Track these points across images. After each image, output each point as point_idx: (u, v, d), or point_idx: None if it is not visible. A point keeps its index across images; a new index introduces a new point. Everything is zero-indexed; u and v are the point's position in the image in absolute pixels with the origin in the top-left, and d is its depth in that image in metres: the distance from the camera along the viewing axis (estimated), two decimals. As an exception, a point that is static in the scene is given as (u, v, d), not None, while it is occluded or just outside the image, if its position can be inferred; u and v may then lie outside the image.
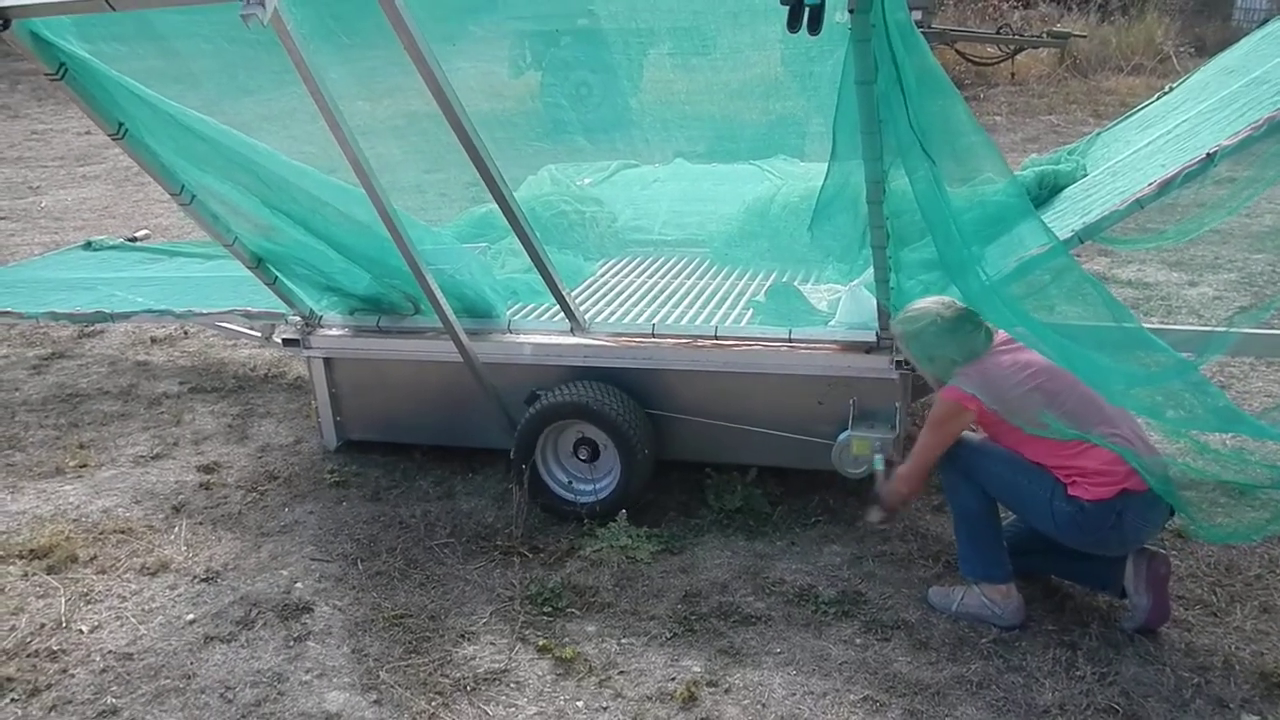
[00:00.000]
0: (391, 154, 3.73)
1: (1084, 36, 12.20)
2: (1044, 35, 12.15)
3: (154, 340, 5.24)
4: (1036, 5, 13.98)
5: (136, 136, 3.07)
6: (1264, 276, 5.52)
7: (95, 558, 3.34)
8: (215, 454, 4.04)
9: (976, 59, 11.97)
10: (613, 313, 3.75)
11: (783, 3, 2.33)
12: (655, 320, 3.60)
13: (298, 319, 3.80)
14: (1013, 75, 11.80)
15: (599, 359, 3.48)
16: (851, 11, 2.31)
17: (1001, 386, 2.73)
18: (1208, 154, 2.62)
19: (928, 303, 2.88)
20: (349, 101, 3.07)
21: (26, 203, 8.31)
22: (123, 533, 3.47)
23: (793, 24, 2.33)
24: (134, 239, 5.75)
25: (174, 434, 4.22)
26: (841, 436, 3.23)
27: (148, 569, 3.27)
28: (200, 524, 3.54)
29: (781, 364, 3.33)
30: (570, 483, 3.51)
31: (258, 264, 3.61)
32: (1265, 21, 4.21)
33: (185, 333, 5.29)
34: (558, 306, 3.54)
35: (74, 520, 3.57)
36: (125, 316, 4.44)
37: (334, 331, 3.78)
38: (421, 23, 2.72)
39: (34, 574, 3.26)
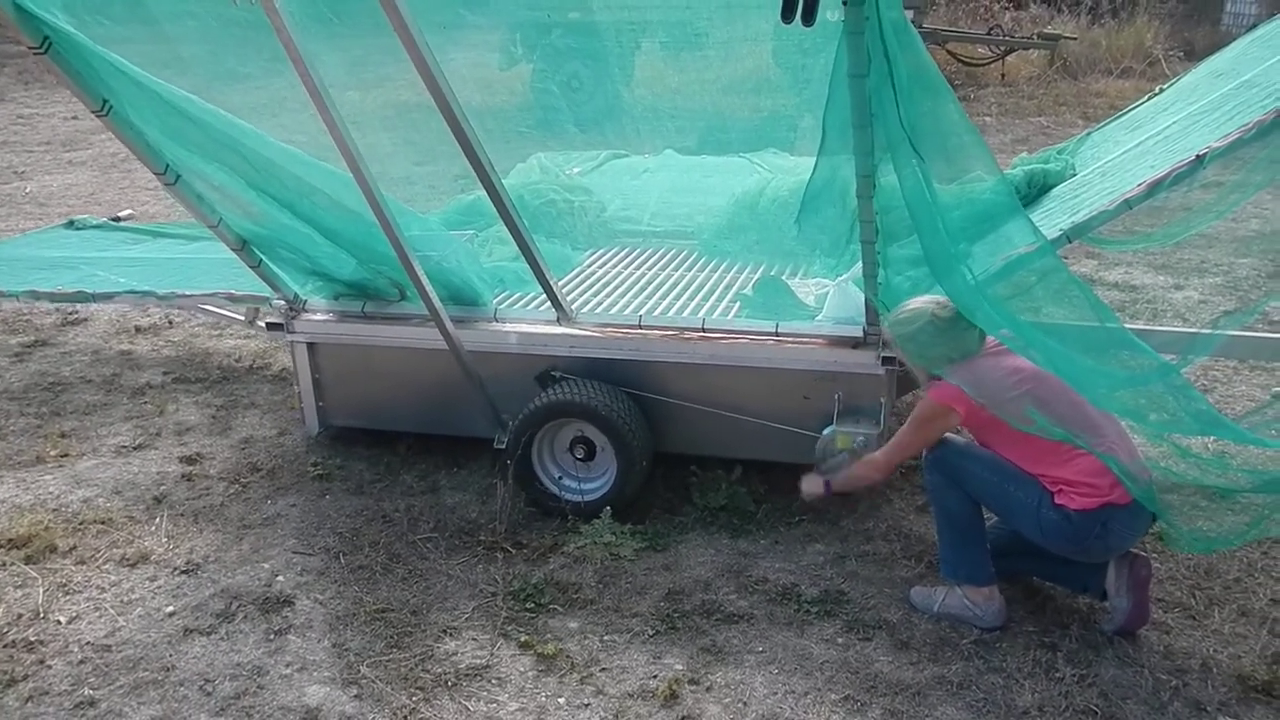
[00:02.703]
0: (381, 145, 3.69)
1: (1074, 39, 12.23)
2: (1034, 37, 12.19)
3: (138, 329, 5.19)
4: (1027, 7, 14.01)
5: (121, 114, 3.03)
6: (1249, 280, 5.55)
7: (74, 548, 3.30)
8: (198, 445, 4.00)
9: (967, 60, 11.99)
10: (600, 303, 3.74)
11: None
12: (642, 311, 3.58)
13: (282, 303, 3.76)
14: (1003, 76, 11.82)
15: (585, 349, 3.46)
16: (845, 3, 2.30)
17: (992, 390, 2.72)
18: (1198, 156, 2.61)
19: (921, 302, 2.84)
20: (339, 92, 3.03)
21: (11, 188, 8.22)
22: (103, 523, 3.44)
23: (786, 14, 2.32)
24: (118, 219, 5.67)
25: (156, 424, 4.18)
26: (826, 431, 3.23)
27: (127, 560, 3.24)
28: (181, 515, 3.51)
29: (768, 358, 3.32)
30: (560, 479, 3.49)
31: (242, 246, 3.57)
32: (1255, 26, 4.22)
33: (170, 322, 5.25)
34: (544, 296, 3.52)
35: (53, 510, 3.53)
36: (107, 297, 4.37)
37: (318, 316, 3.75)
38: (414, 8, 2.69)
39: (12, 564, 3.22)
